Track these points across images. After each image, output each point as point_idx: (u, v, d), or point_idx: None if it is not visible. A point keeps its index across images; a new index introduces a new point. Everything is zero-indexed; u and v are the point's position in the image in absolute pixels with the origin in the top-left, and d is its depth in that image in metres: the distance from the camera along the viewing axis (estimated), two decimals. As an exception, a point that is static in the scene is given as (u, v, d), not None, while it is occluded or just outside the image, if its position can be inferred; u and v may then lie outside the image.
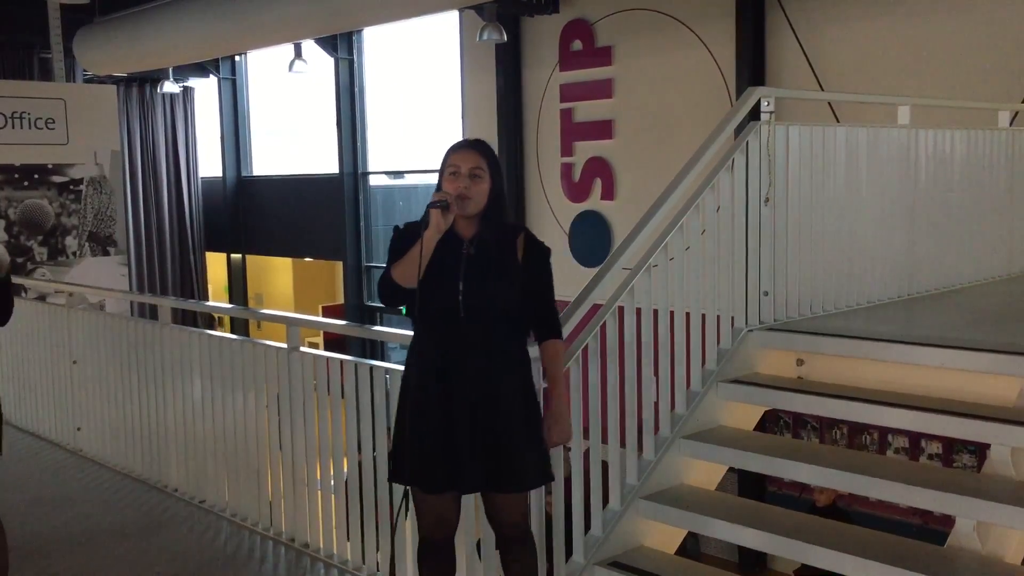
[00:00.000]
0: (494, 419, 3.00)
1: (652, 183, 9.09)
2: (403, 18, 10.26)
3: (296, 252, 15.53)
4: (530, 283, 3.10)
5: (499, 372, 3.03)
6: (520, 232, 3.13)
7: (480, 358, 3.01)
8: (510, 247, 3.08)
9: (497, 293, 3.03)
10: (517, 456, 3.03)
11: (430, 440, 3.01)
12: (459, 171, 3.04)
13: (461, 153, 3.08)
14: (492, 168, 3.08)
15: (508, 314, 3.07)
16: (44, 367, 6.29)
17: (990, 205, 5.32)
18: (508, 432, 3.02)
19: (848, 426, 8.43)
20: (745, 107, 4.03)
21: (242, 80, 15.74)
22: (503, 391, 3.02)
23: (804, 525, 3.48)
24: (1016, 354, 3.47)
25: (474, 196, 3.03)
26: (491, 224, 3.07)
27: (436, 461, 3.01)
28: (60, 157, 10.00)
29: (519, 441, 3.03)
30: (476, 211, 3.06)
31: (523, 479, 3.08)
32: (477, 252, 3.05)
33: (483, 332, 3.02)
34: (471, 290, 3.00)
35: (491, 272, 3.03)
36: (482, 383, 3.00)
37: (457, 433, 2.99)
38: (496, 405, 3.01)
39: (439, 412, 3.00)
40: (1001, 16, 7.64)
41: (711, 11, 9.36)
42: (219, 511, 4.79)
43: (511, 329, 3.09)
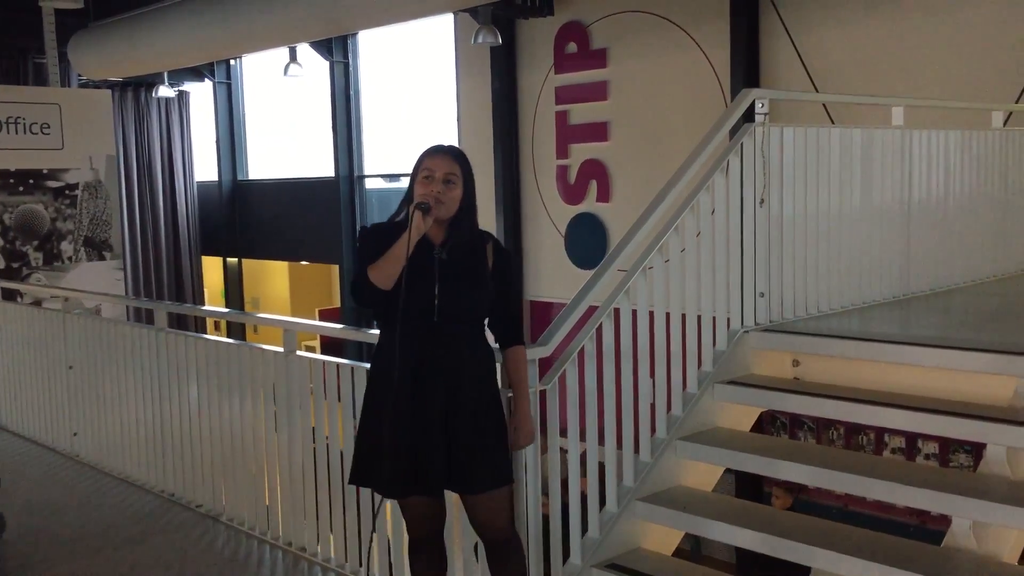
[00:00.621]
0: (462, 421, 3.04)
1: (647, 185, 9.10)
2: (398, 21, 10.26)
3: (292, 255, 15.52)
4: (499, 289, 3.15)
5: (468, 375, 3.07)
6: (489, 240, 3.18)
7: (451, 361, 3.05)
8: (480, 253, 3.13)
9: (471, 297, 3.08)
10: (477, 458, 3.06)
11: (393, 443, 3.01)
12: (433, 175, 3.06)
13: (436, 158, 3.10)
14: (465, 175, 3.10)
15: (479, 318, 3.14)
16: (40, 372, 6.28)
17: (984, 205, 5.34)
18: (475, 434, 3.05)
19: (844, 426, 8.44)
20: (740, 109, 4.03)
21: (237, 84, 15.73)
22: (472, 394, 3.06)
23: (801, 526, 3.49)
24: (1011, 353, 3.48)
25: (447, 201, 3.05)
26: (461, 230, 3.10)
27: (400, 463, 3.02)
28: (55, 162, 9.99)
29: (484, 443, 3.07)
30: (447, 216, 3.08)
31: (478, 481, 3.09)
32: (449, 257, 3.08)
33: (455, 335, 3.05)
34: (446, 293, 3.03)
35: (465, 277, 3.08)
36: (452, 386, 3.04)
37: (423, 432, 3.02)
38: (464, 407, 3.05)
39: (407, 413, 3.02)
40: (994, 17, 7.66)
41: (705, 13, 9.38)
42: (216, 515, 4.79)
43: (480, 333, 3.15)
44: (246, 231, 15.67)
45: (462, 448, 3.04)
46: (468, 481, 3.08)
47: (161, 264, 15.39)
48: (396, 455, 3.02)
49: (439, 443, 3.02)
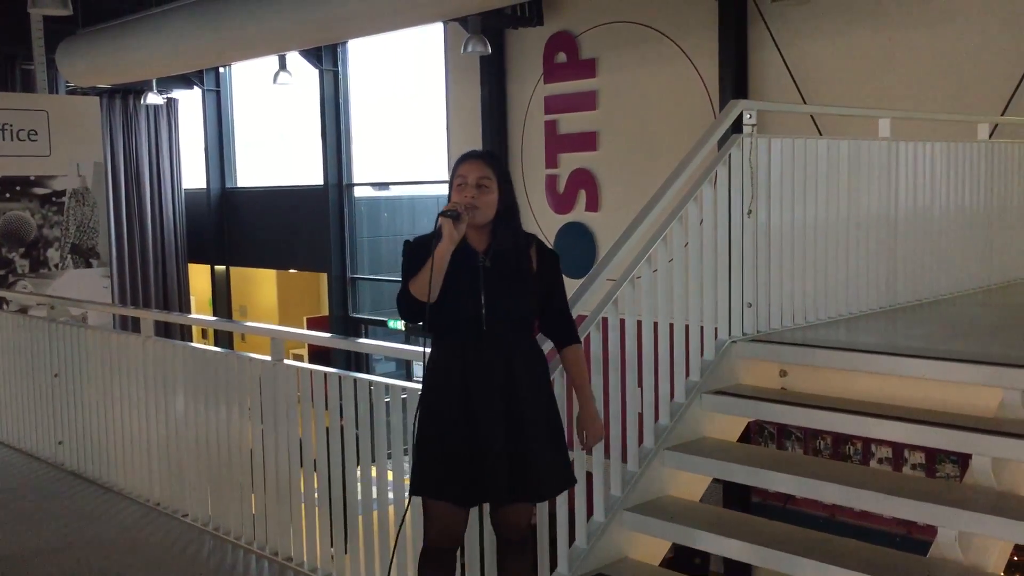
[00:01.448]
0: (519, 429, 3.03)
1: (636, 195, 9.10)
2: (388, 30, 10.28)
3: (280, 264, 15.49)
4: (547, 291, 3.15)
5: (522, 382, 3.05)
6: (532, 242, 3.16)
7: (503, 369, 3.03)
8: (524, 258, 3.11)
9: (517, 304, 3.07)
10: (543, 464, 3.07)
11: (455, 454, 3.01)
12: (466, 182, 3.05)
13: (468, 163, 3.09)
14: (500, 178, 3.08)
15: (527, 324, 3.13)
16: (25, 380, 6.24)
17: (970, 216, 5.37)
18: (535, 440, 3.05)
19: (832, 437, 8.46)
20: (728, 120, 4.05)
21: (226, 92, 15.72)
22: (527, 400, 3.05)
23: (789, 536, 3.49)
24: (997, 365, 3.50)
25: (482, 206, 3.03)
26: (504, 235, 3.08)
27: (461, 475, 3.01)
28: (42, 169, 9.95)
29: (545, 449, 3.08)
30: (485, 221, 3.06)
31: (549, 486, 3.14)
32: (493, 264, 3.06)
33: (505, 343, 3.04)
34: (492, 302, 3.02)
35: (510, 283, 3.06)
36: (506, 391, 3.03)
37: (485, 444, 3.00)
38: (521, 414, 3.04)
39: (465, 424, 3.01)
40: (980, 30, 7.72)
41: (694, 24, 9.43)
42: (202, 525, 4.76)
43: (528, 337, 3.15)
44: (234, 239, 15.64)
45: (526, 455, 3.02)
46: (537, 488, 3.08)
47: (148, 272, 15.34)
48: (461, 466, 3.00)
49: (500, 451, 3.00)
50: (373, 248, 14.23)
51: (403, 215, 14.70)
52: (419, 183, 13.54)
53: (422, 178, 13.28)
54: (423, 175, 13.17)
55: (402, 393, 3.78)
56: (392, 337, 13.27)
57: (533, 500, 3.14)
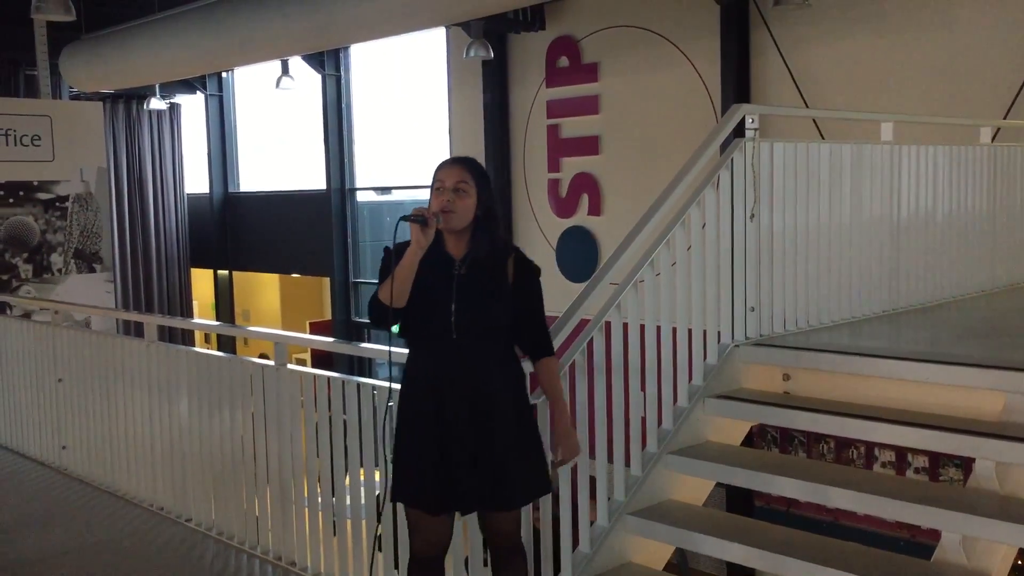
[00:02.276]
0: (489, 438, 3.01)
1: (638, 199, 9.13)
2: (390, 35, 10.29)
3: (283, 268, 15.50)
4: (522, 303, 3.11)
5: (492, 391, 3.03)
6: (511, 253, 3.13)
7: (473, 378, 3.01)
8: (501, 267, 3.08)
9: (489, 313, 3.04)
10: (511, 474, 3.04)
11: (427, 461, 3.01)
12: (443, 186, 3.04)
13: (446, 169, 3.09)
14: (479, 184, 3.06)
15: (500, 334, 3.08)
16: (29, 385, 6.25)
17: (973, 220, 5.37)
18: (502, 450, 3.02)
19: (835, 440, 8.45)
20: (730, 124, 4.05)
21: (229, 96, 15.74)
22: (496, 410, 3.03)
23: (792, 540, 3.49)
24: (1001, 368, 3.50)
25: (458, 210, 3.01)
26: (480, 242, 3.06)
27: (434, 483, 3.01)
28: (46, 174, 9.96)
29: (513, 459, 3.04)
30: (462, 226, 3.05)
31: (516, 496, 3.10)
32: (468, 272, 3.05)
33: (475, 352, 3.02)
34: (463, 311, 3.00)
35: (483, 292, 3.03)
36: (475, 403, 3.01)
37: (453, 453, 3.00)
38: (490, 424, 3.01)
39: (434, 433, 3.01)
40: (982, 34, 7.73)
41: (696, 28, 9.44)
42: (205, 529, 4.76)
43: (503, 348, 3.10)
44: (237, 244, 15.65)
45: (496, 465, 3.01)
46: (506, 497, 3.06)
47: (151, 277, 15.35)
48: (430, 474, 3.00)
49: (465, 463, 2.99)
50: (376, 253, 14.24)
51: (406, 220, 14.68)
52: (422, 188, 13.54)
53: (424, 183, 13.25)
54: (425, 180, 13.09)
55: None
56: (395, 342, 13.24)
57: (504, 508, 3.10)
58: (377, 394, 3.83)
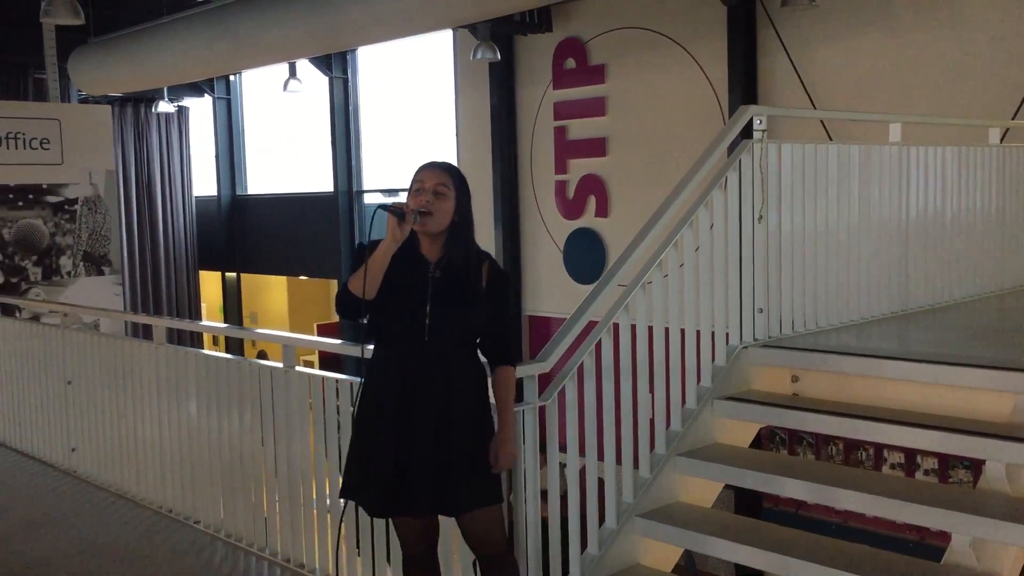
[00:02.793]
0: (447, 442, 3.01)
1: (646, 200, 9.10)
2: (397, 37, 10.31)
3: (291, 270, 15.52)
4: (491, 310, 3.12)
5: (456, 395, 3.04)
6: (485, 259, 3.15)
7: (439, 380, 3.02)
8: (475, 272, 3.10)
9: (462, 317, 3.06)
10: (460, 480, 3.03)
11: (381, 462, 3.01)
12: (423, 187, 3.05)
13: (427, 171, 3.09)
14: (458, 188, 3.08)
15: (470, 338, 3.11)
16: (38, 387, 6.27)
17: (981, 221, 5.35)
18: (457, 456, 3.03)
19: (844, 442, 8.43)
20: (738, 125, 4.05)
21: (237, 99, 15.78)
22: (458, 413, 3.04)
23: (800, 542, 3.48)
24: (1010, 370, 3.49)
25: (436, 213, 3.02)
26: (456, 247, 3.08)
27: (387, 484, 3.01)
28: (55, 177, 10.00)
29: (465, 465, 3.04)
30: (439, 229, 3.06)
31: (461, 502, 3.08)
32: (443, 275, 3.06)
33: (445, 355, 3.03)
34: (438, 313, 3.01)
35: (457, 297, 3.05)
36: (440, 405, 3.02)
37: (411, 455, 3.00)
38: (451, 427, 3.03)
39: (395, 432, 3.01)
40: (990, 34, 7.70)
41: (703, 30, 9.43)
42: (214, 531, 4.77)
43: (470, 353, 3.13)
44: (245, 246, 15.68)
45: (448, 469, 3.01)
46: (452, 502, 3.06)
47: (159, 279, 15.39)
48: (384, 475, 3.00)
49: (427, 464, 3.00)
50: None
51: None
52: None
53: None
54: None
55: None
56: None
57: (449, 513, 3.12)
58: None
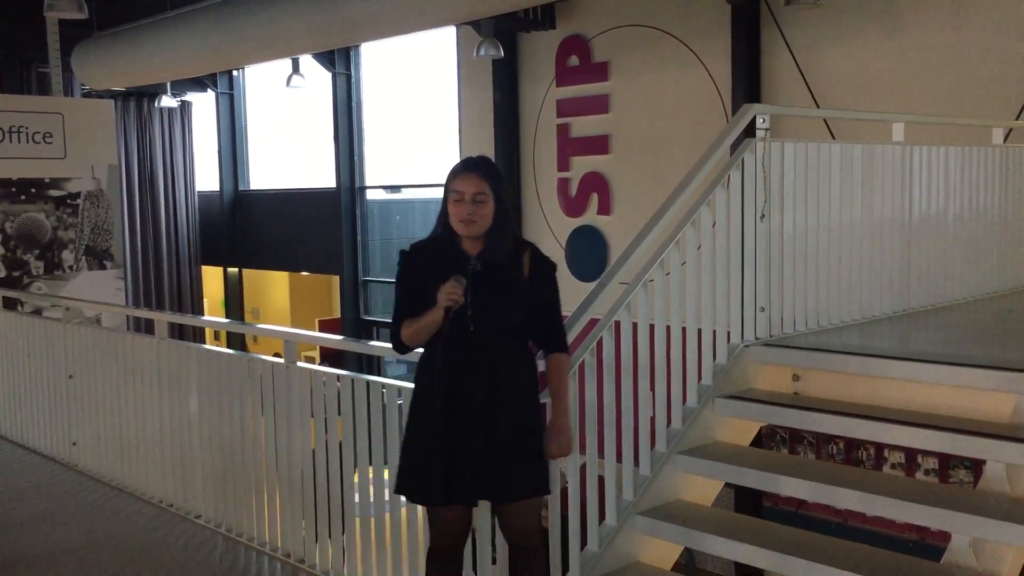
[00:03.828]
0: (495, 431, 3.05)
1: (648, 198, 9.13)
2: (401, 33, 10.31)
3: (293, 266, 15.53)
4: (537, 298, 3.15)
5: (503, 386, 3.07)
6: (527, 248, 3.18)
7: (486, 372, 3.05)
8: (516, 263, 3.13)
9: (504, 308, 3.09)
10: (511, 467, 3.07)
11: (435, 452, 3.05)
12: (463, 198, 3.06)
13: (463, 178, 3.09)
14: (495, 189, 3.10)
15: (514, 329, 3.13)
16: (40, 381, 6.28)
17: (985, 221, 5.35)
18: (507, 444, 3.06)
19: (844, 441, 8.43)
20: (741, 124, 4.05)
21: (240, 94, 15.78)
22: (507, 404, 3.07)
23: (801, 541, 3.48)
24: (1012, 370, 3.48)
25: (479, 220, 3.06)
26: (496, 241, 3.11)
27: (438, 474, 3.05)
28: (57, 171, 10.00)
29: (515, 453, 3.08)
30: (482, 232, 3.09)
31: (512, 490, 3.12)
32: (484, 268, 3.09)
33: (490, 347, 3.07)
34: (479, 306, 3.04)
35: (498, 288, 3.08)
36: (487, 396, 3.05)
37: (462, 444, 3.03)
38: (499, 416, 3.05)
39: (444, 424, 3.04)
40: (994, 33, 7.69)
41: (707, 28, 9.42)
42: (214, 526, 4.78)
43: (517, 343, 3.15)
44: (247, 241, 15.69)
45: (499, 457, 3.05)
46: (504, 490, 3.10)
47: (162, 274, 15.41)
48: (437, 464, 3.04)
49: (478, 452, 3.04)
50: (385, 251, 14.25)
51: (415, 218, 14.72)
52: (431, 186, 13.56)
53: (434, 181, 13.31)
54: (435, 178, 13.19)
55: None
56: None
57: (500, 500, 3.15)
58: (386, 392, 3.84)
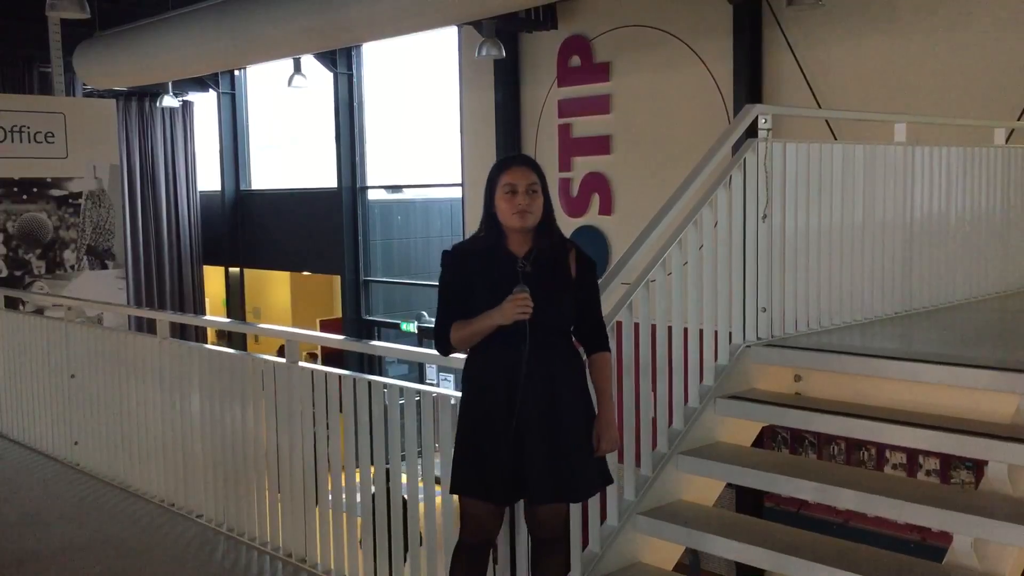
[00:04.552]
0: (560, 429, 3.06)
1: (650, 198, 9.09)
2: (402, 33, 10.30)
3: (294, 266, 15.54)
4: (582, 297, 3.16)
5: (561, 384, 3.09)
6: (572, 247, 3.20)
7: (543, 371, 3.06)
8: (563, 262, 3.15)
9: (559, 309, 3.09)
10: (580, 465, 3.11)
11: (499, 453, 3.05)
12: (516, 189, 3.06)
13: (514, 170, 3.09)
14: (543, 182, 3.13)
15: (566, 327, 3.15)
16: (42, 381, 6.28)
17: (987, 221, 5.34)
18: (573, 442, 3.08)
19: (846, 442, 8.43)
20: (743, 124, 4.05)
21: (241, 94, 15.79)
22: (565, 402, 3.09)
23: (802, 541, 3.48)
24: (1013, 371, 3.48)
25: (534, 211, 3.07)
26: (544, 240, 3.12)
27: (505, 474, 3.05)
28: (59, 171, 10.01)
29: (583, 450, 3.11)
30: (535, 223, 3.10)
31: (585, 487, 3.17)
32: (534, 268, 3.09)
33: (545, 346, 3.07)
34: (535, 307, 3.02)
35: (549, 287, 3.08)
36: (546, 396, 3.06)
37: (526, 445, 3.04)
38: (560, 416, 3.07)
39: (507, 425, 3.05)
40: (996, 34, 7.69)
41: (709, 28, 9.42)
42: (216, 526, 4.78)
43: (568, 342, 3.17)
44: (248, 241, 15.70)
45: (565, 455, 3.06)
46: (576, 487, 3.12)
47: (163, 273, 15.41)
48: (501, 465, 3.05)
49: (542, 453, 3.04)
50: (386, 251, 14.26)
51: (416, 218, 14.73)
52: (433, 186, 13.58)
53: (435, 181, 13.32)
54: (437, 178, 13.20)
55: (416, 396, 3.79)
56: (404, 340, 13.29)
57: (573, 500, 3.21)
58: (388, 392, 3.84)
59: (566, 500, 3.18)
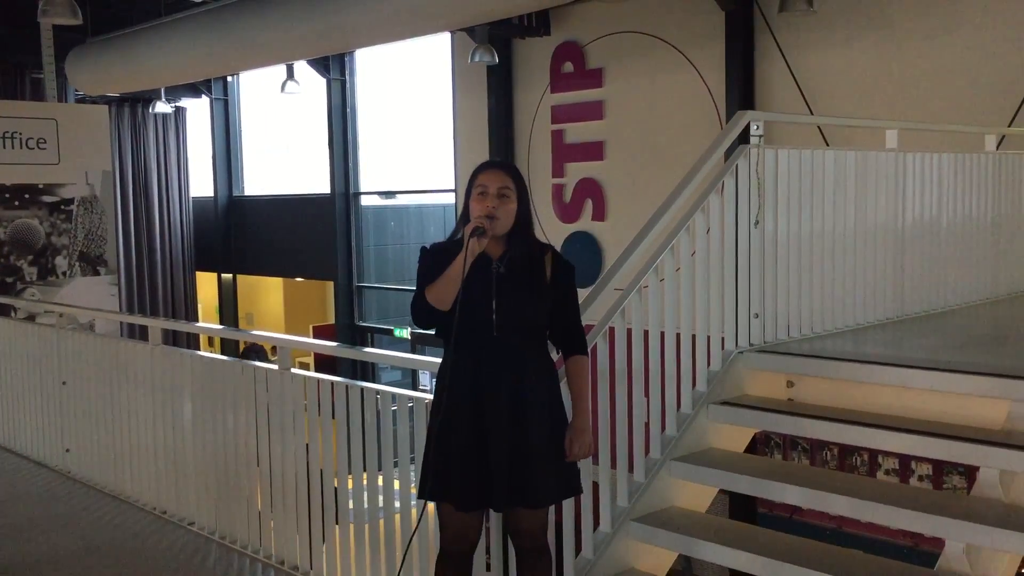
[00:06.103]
0: (524, 434, 3.05)
1: (643, 204, 9.12)
2: (395, 39, 10.31)
3: (287, 272, 15.52)
4: (558, 300, 3.16)
5: (529, 388, 3.08)
6: (548, 251, 3.19)
7: (511, 374, 3.06)
8: (538, 265, 3.14)
9: (528, 310, 3.09)
10: (541, 470, 3.08)
11: (463, 457, 3.04)
12: (487, 191, 3.07)
13: (489, 173, 3.11)
14: (519, 188, 3.12)
15: (538, 331, 3.15)
16: (33, 388, 6.26)
17: (978, 228, 5.36)
18: (536, 448, 3.07)
19: (838, 448, 8.44)
20: (735, 130, 4.06)
21: (234, 100, 15.77)
22: (533, 406, 3.08)
23: (795, 547, 3.48)
24: (1004, 377, 3.49)
25: (502, 216, 3.06)
26: (519, 243, 3.12)
27: (469, 478, 3.05)
28: (51, 177, 9.99)
29: (545, 455, 3.09)
30: (504, 231, 3.09)
31: (545, 494, 3.14)
32: (507, 270, 3.10)
33: (514, 349, 3.07)
34: (503, 307, 3.05)
35: (522, 290, 3.09)
36: (513, 399, 3.05)
37: (490, 449, 3.04)
38: (526, 420, 3.06)
39: (471, 428, 3.04)
40: (987, 41, 7.72)
41: (701, 34, 9.44)
42: (208, 533, 4.77)
43: (540, 345, 3.17)
44: (241, 247, 15.67)
45: (528, 461, 3.05)
46: (536, 494, 3.10)
47: (156, 280, 15.38)
48: (466, 470, 3.04)
49: (505, 457, 3.03)
50: (379, 257, 14.25)
51: (410, 224, 14.72)
52: (426, 192, 13.57)
53: (429, 187, 13.31)
54: (430, 184, 13.20)
55: (408, 402, 3.79)
56: (398, 346, 13.28)
57: (533, 505, 3.15)
58: (380, 398, 3.83)
59: (522, 505, 3.12)
